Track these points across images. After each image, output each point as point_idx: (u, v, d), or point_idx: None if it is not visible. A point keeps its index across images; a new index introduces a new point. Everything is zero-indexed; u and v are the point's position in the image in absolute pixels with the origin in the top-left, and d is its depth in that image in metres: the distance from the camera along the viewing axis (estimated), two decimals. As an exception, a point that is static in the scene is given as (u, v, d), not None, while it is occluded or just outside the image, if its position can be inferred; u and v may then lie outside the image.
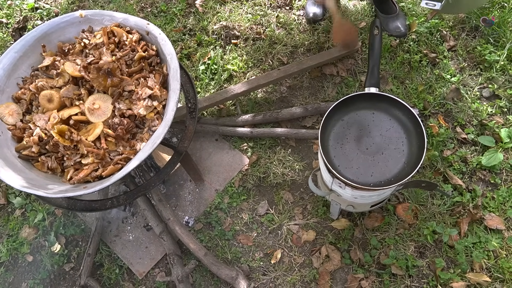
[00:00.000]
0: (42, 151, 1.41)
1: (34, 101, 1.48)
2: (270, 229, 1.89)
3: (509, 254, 1.69)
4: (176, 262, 1.74)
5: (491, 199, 1.81)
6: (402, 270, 1.71)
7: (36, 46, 1.55)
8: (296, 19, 2.40)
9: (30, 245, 1.97)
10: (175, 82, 1.40)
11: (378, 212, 1.83)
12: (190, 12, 2.51)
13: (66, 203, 1.49)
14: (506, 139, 1.88)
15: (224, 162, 2.05)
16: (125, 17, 1.57)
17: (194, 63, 2.32)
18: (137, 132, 1.44)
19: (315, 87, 2.18)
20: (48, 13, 2.65)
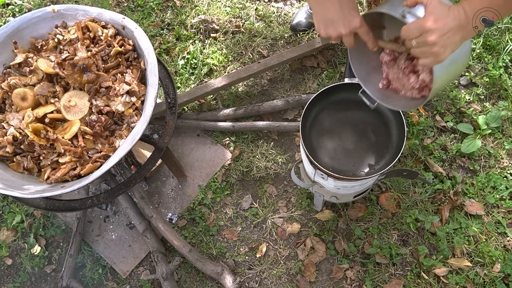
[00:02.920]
0: (17, 151, 1.37)
1: (7, 99, 1.43)
2: (255, 223, 1.88)
3: (488, 238, 1.73)
4: (160, 259, 1.73)
5: (471, 185, 1.84)
6: (386, 259, 1.73)
7: (7, 43, 1.49)
8: (275, 11, 2.39)
9: (9, 248, 1.92)
10: (153, 77, 1.38)
11: (361, 202, 1.84)
12: (167, 6, 2.47)
13: (44, 203, 1.45)
14: (484, 126, 1.92)
15: (206, 157, 2.03)
16: (100, 11, 1.53)
17: (173, 58, 2.29)
18: (115, 129, 1.41)
19: (296, 79, 2.18)
20: (21, 9, 2.57)
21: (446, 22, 0.87)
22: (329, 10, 1.01)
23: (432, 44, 0.89)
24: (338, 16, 1.01)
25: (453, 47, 0.91)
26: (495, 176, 1.83)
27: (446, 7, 0.88)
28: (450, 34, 0.88)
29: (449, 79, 1.09)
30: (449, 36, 0.88)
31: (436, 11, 0.88)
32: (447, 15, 0.88)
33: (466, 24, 0.88)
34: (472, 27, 0.89)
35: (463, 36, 0.90)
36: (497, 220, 1.77)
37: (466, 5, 0.87)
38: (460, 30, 0.88)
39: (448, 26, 0.87)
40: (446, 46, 0.90)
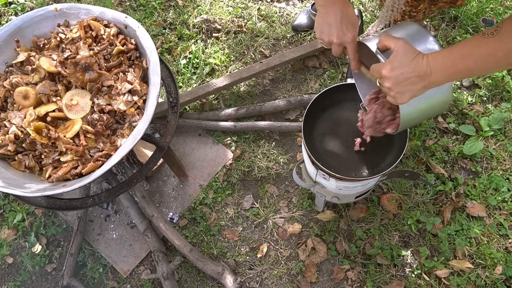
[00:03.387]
0: (19, 150, 1.37)
1: (9, 98, 1.43)
2: (256, 223, 1.88)
3: (490, 240, 1.72)
4: (161, 259, 1.72)
5: (473, 187, 1.84)
6: (387, 260, 1.73)
7: (10, 41, 1.49)
8: (278, 11, 2.39)
9: (10, 246, 1.92)
10: (155, 76, 1.37)
11: (362, 203, 1.84)
12: (170, 6, 2.47)
13: (45, 202, 1.45)
14: (486, 128, 1.91)
15: (207, 157, 2.03)
16: (102, 10, 1.53)
17: (175, 58, 2.29)
18: (117, 128, 1.40)
19: (298, 80, 2.17)
20: (23, 8, 2.58)
21: (404, 72, 0.91)
22: (330, 17, 1.07)
23: (387, 89, 0.95)
24: (335, 25, 1.07)
25: (412, 94, 0.94)
26: (497, 178, 1.83)
27: (411, 56, 0.91)
28: (407, 83, 0.92)
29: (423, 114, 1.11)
30: (406, 85, 0.92)
31: (396, 60, 0.92)
32: (407, 65, 0.91)
33: (426, 77, 0.90)
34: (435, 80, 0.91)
35: (424, 86, 0.92)
36: (499, 222, 1.76)
37: (430, 60, 0.90)
38: (419, 81, 0.91)
39: (405, 76, 0.91)
40: (403, 93, 0.94)
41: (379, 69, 0.95)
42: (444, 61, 0.88)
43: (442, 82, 0.92)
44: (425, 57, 0.90)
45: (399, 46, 0.92)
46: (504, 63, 0.84)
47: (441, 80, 0.91)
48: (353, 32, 1.08)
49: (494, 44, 0.82)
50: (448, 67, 0.88)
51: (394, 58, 0.93)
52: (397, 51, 0.92)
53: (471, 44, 0.86)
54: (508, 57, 0.81)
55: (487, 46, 0.83)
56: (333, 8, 1.06)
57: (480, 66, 0.86)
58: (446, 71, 0.89)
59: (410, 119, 1.09)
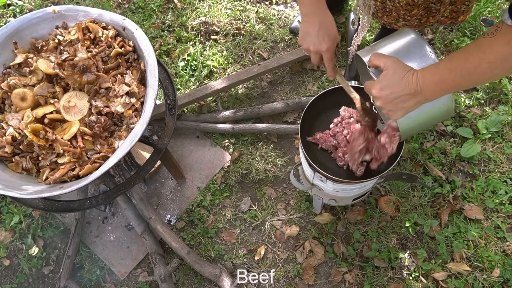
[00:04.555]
0: (16, 151, 1.37)
1: (6, 100, 1.43)
2: (253, 226, 1.88)
3: (488, 243, 1.72)
4: (159, 261, 1.72)
5: (470, 190, 1.84)
6: (384, 262, 1.73)
7: (8, 43, 1.49)
8: (276, 14, 2.39)
9: (7, 248, 1.92)
10: (153, 78, 1.38)
11: (360, 205, 1.84)
12: (168, 8, 2.48)
13: (42, 204, 1.44)
14: (483, 130, 1.92)
15: (205, 159, 2.03)
16: (100, 12, 1.53)
17: (173, 60, 2.29)
18: (115, 130, 1.40)
19: (296, 82, 2.18)
20: (21, 10, 2.58)
21: (393, 91, 0.92)
22: (310, 26, 1.13)
23: (379, 107, 0.96)
24: (314, 34, 1.12)
25: (405, 111, 0.94)
26: (494, 181, 1.83)
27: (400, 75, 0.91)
28: (397, 101, 0.92)
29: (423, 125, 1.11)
30: (397, 103, 0.93)
31: (385, 79, 0.93)
32: (396, 85, 0.91)
33: (417, 93, 0.90)
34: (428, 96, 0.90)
35: (418, 102, 0.92)
36: (496, 225, 1.76)
37: (420, 76, 0.90)
38: (411, 98, 0.91)
39: (394, 95, 0.92)
40: (395, 110, 0.94)
41: (369, 88, 0.97)
42: (433, 77, 0.88)
43: (435, 97, 0.92)
44: (415, 74, 0.90)
45: (388, 65, 0.93)
46: (489, 75, 0.83)
47: (433, 95, 0.91)
48: (329, 43, 1.12)
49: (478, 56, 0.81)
50: (437, 82, 0.88)
51: (383, 78, 0.93)
52: (386, 70, 0.93)
53: (456, 57, 0.85)
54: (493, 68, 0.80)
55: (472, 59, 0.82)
56: (313, 18, 1.12)
57: (468, 80, 0.85)
58: (436, 87, 0.88)
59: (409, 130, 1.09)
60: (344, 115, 1.45)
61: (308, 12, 1.13)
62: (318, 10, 1.12)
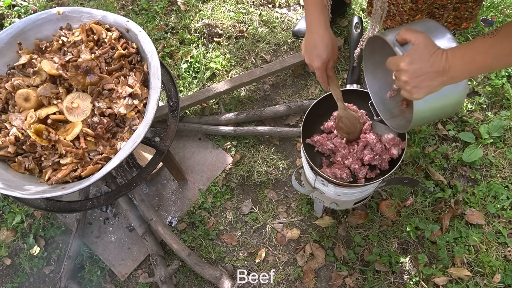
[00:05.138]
0: (19, 151, 1.37)
1: (10, 100, 1.44)
2: (254, 228, 1.88)
3: (489, 248, 1.72)
4: (159, 262, 1.72)
5: (472, 195, 1.84)
6: (385, 267, 1.72)
7: (12, 43, 1.50)
8: (279, 17, 2.40)
9: (8, 248, 1.92)
10: (156, 80, 1.38)
11: (361, 209, 1.84)
12: (172, 10, 2.49)
13: (44, 204, 1.45)
14: (486, 135, 1.91)
15: (207, 161, 2.03)
16: (104, 14, 1.54)
17: (176, 62, 2.30)
18: (117, 131, 1.41)
19: (298, 85, 2.18)
20: (26, 11, 2.59)
21: (422, 67, 0.90)
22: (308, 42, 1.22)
23: (404, 82, 0.93)
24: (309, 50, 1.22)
25: (428, 90, 0.93)
26: (496, 186, 1.83)
27: (431, 50, 0.90)
28: (424, 77, 0.91)
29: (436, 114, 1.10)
30: (423, 80, 0.91)
31: (416, 53, 0.91)
32: (426, 60, 0.90)
33: (444, 72, 0.90)
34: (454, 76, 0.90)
35: (442, 82, 0.92)
36: (497, 230, 1.76)
37: (449, 55, 0.89)
38: (437, 76, 0.90)
39: (423, 70, 0.90)
40: (420, 88, 0.92)
41: (397, 61, 0.94)
42: (463, 57, 0.88)
43: (461, 78, 0.91)
44: (444, 53, 0.89)
45: (419, 40, 0.91)
46: None
47: (459, 76, 0.90)
48: (319, 63, 1.20)
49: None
50: (467, 62, 0.87)
51: (413, 52, 0.91)
52: (417, 45, 0.91)
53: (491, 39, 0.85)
54: None
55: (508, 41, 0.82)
56: (311, 35, 1.21)
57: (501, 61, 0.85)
58: (465, 67, 0.88)
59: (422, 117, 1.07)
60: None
61: (308, 27, 1.22)
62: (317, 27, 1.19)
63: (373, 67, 1.29)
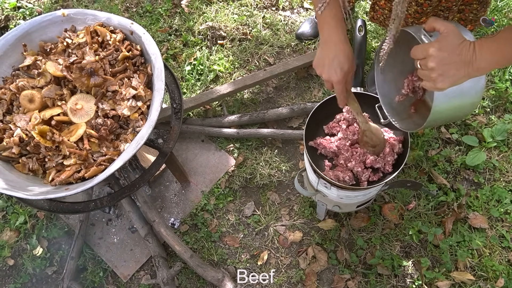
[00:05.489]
0: (23, 152, 1.38)
1: (14, 101, 1.45)
2: (257, 230, 1.88)
3: (492, 252, 1.71)
4: (161, 264, 1.72)
5: (475, 198, 1.83)
6: (388, 270, 1.72)
7: (17, 45, 1.51)
8: (283, 19, 2.40)
9: (11, 248, 1.93)
10: (160, 82, 1.39)
11: (364, 212, 1.84)
12: (176, 13, 2.50)
13: (48, 205, 1.45)
14: (489, 139, 1.91)
15: (210, 163, 2.03)
16: (109, 16, 1.55)
17: (180, 64, 2.31)
18: (121, 132, 1.41)
19: (302, 88, 2.18)
20: (31, 13, 2.61)
21: (451, 55, 0.90)
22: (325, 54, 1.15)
23: (431, 69, 0.92)
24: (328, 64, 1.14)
25: (454, 80, 0.92)
26: (499, 190, 1.82)
27: (458, 40, 0.90)
28: (451, 66, 0.90)
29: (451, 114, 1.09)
30: (450, 68, 0.90)
31: (445, 41, 0.90)
32: (454, 48, 0.90)
33: (471, 63, 0.89)
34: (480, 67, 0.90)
35: (468, 73, 0.91)
36: (501, 234, 1.75)
37: (477, 46, 0.89)
38: (464, 66, 0.90)
39: (451, 58, 0.90)
40: (446, 76, 0.91)
41: (425, 48, 0.92)
42: (490, 47, 0.88)
43: (487, 70, 0.91)
44: (472, 43, 0.90)
45: (449, 29, 0.91)
46: None
47: (485, 67, 0.90)
48: (340, 75, 1.13)
49: None
50: (494, 52, 0.87)
51: (443, 39, 0.91)
52: (447, 33, 0.91)
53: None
54: None
55: None
56: (330, 48, 1.14)
57: None
58: (492, 57, 0.88)
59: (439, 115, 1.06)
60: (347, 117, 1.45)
61: (326, 39, 1.14)
62: (337, 40, 1.13)
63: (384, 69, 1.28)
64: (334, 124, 1.46)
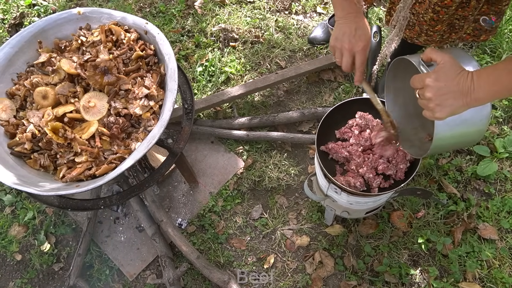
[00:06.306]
0: (35, 148, 1.39)
1: (28, 97, 1.46)
2: (264, 234, 1.87)
3: (502, 264, 1.69)
4: (168, 264, 1.72)
5: (485, 209, 1.81)
6: (395, 278, 1.70)
7: (33, 42, 1.53)
8: (295, 23, 2.40)
9: (19, 243, 1.94)
10: (173, 82, 1.39)
11: (372, 219, 1.82)
12: (189, 14, 2.50)
13: (57, 201, 1.46)
14: (501, 149, 1.89)
15: (219, 165, 2.03)
16: (124, 15, 1.56)
17: (191, 65, 2.31)
18: (132, 131, 1.42)
19: (312, 92, 2.18)
20: (46, 10, 2.63)
21: (448, 85, 0.90)
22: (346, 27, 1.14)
23: (428, 99, 0.92)
24: (349, 33, 1.13)
25: (452, 110, 0.92)
26: (510, 201, 1.80)
27: (456, 71, 0.90)
28: (448, 96, 0.90)
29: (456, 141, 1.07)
30: (447, 98, 0.90)
31: (442, 71, 0.91)
32: (451, 78, 0.90)
33: (469, 93, 0.89)
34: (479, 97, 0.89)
35: (466, 103, 0.91)
36: (511, 246, 1.73)
37: (475, 76, 0.89)
38: (461, 96, 0.90)
39: (448, 88, 0.90)
40: (443, 106, 0.91)
41: (422, 78, 0.94)
42: (489, 77, 0.87)
43: (485, 100, 0.91)
44: (470, 74, 0.89)
45: (445, 60, 0.91)
46: None
47: (484, 97, 0.89)
48: (364, 42, 1.14)
49: None
50: (493, 83, 0.87)
51: (439, 69, 0.91)
52: (443, 64, 0.91)
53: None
54: None
55: None
56: (349, 20, 1.14)
57: None
58: (490, 88, 0.87)
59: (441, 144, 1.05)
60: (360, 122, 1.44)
61: (345, 15, 1.15)
62: (356, 13, 1.14)
63: (394, 94, 1.28)
64: (346, 129, 1.45)
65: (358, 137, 1.41)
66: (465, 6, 1.26)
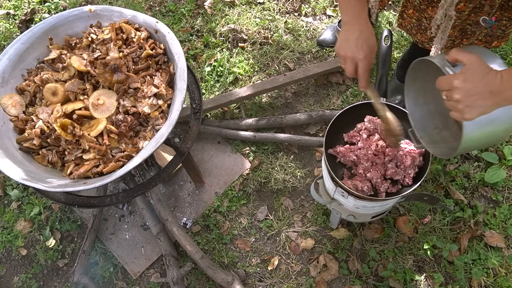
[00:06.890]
0: (43, 144, 1.39)
1: (38, 93, 1.47)
2: (269, 235, 1.87)
3: (508, 272, 1.68)
4: (172, 263, 1.72)
5: (492, 216, 1.79)
6: (400, 283, 1.69)
7: (43, 38, 1.53)
8: (305, 25, 2.40)
9: (25, 238, 1.95)
10: (182, 81, 1.39)
11: (378, 223, 1.81)
12: (198, 13, 2.51)
13: (64, 198, 1.47)
14: (510, 157, 1.87)
15: (225, 165, 2.03)
16: (134, 14, 1.56)
17: (200, 64, 2.31)
18: (140, 130, 1.42)
19: (321, 95, 2.17)
20: (56, 7, 2.65)
21: (476, 85, 0.88)
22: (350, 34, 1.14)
23: (456, 100, 0.91)
24: (353, 41, 1.13)
25: (481, 110, 0.91)
26: (518, 209, 1.78)
27: (484, 70, 0.89)
28: (477, 97, 0.89)
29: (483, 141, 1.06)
30: (476, 99, 0.89)
31: (470, 72, 0.89)
32: (480, 79, 0.88)
33: (498, 92, 0.88)
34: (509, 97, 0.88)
35: (496, 103, 0.89)
36: (518, 254, 1.71)
37: (504, 75, 0.87)
38: (491, 96, 0.88)
39: (477, 89, 0.88)
40: (472, 107, 0.90)
41: (449, 80, 0.92)
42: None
43: None
44: (499, 73, 0.88)
45: (472, 60, 0.90)
46: None
47: None
48: (367, 51, 1.13)
49: None
50: None
51: (467, 71, 0.90)
52: (470, 64, 0.90)
53: None
54: None
55: None
56: (354, 27, 1.14)
57: None
58: None
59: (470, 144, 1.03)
60: (369, 126, 1.44)
61: (350, 21, 1.15)
62: (360, 19, 1.14)
63: (415, 94, 1.27)
64: (354, 133, 1.44)
65: (366, 141, 1.40)
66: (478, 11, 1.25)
